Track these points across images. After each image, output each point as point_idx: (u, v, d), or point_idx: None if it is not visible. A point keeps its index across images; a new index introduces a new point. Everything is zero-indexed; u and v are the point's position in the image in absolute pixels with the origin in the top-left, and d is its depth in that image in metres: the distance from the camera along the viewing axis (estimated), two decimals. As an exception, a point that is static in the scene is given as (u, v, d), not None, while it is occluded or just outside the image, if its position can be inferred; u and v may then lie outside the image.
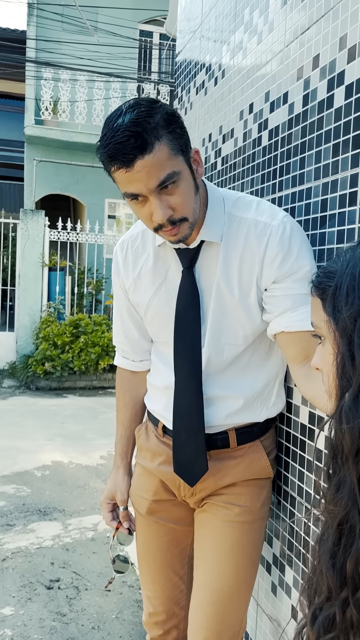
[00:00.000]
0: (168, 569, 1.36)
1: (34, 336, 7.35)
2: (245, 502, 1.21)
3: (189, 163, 1.05)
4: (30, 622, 2.24)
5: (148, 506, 1.32)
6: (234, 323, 1.15)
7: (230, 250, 1.12)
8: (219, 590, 1.20)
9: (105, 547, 2.88)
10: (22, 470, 3.97)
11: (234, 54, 1.70)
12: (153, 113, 0.97)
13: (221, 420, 1.20)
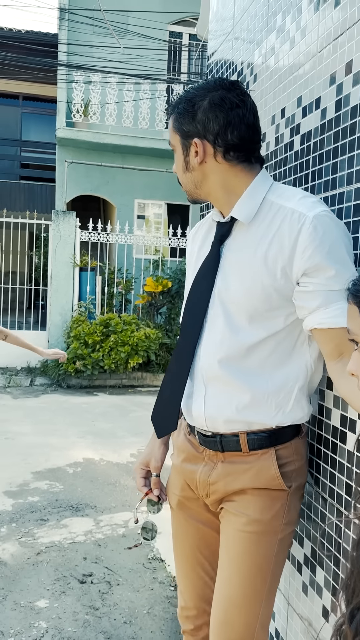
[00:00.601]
0: (198, 567, 1.39)
1: (65, 335, 7.47)
2: (254, 513, 1.20)
3: (185, 146, 1.22)
4: (65, 615, 2.30)
5: (177, 500, 1.37)
6: (256, 299, 1.16)
7: (261, 233, 1.16)
8: (227, 598, 1.22)
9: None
10: (55, 466, 4.06)
11: (266, 58, 1.72)
12: (187, 95, 1.21)
13: (231, 414, 1.20)
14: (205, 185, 1.24)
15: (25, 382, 7.08)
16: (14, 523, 3.12)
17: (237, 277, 1.18)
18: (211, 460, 1.26)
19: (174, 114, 1.23)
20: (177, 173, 1.29)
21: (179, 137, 1.23)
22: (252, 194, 1.19)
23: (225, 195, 1.22)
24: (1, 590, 2.45)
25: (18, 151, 13.06)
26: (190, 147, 1.21)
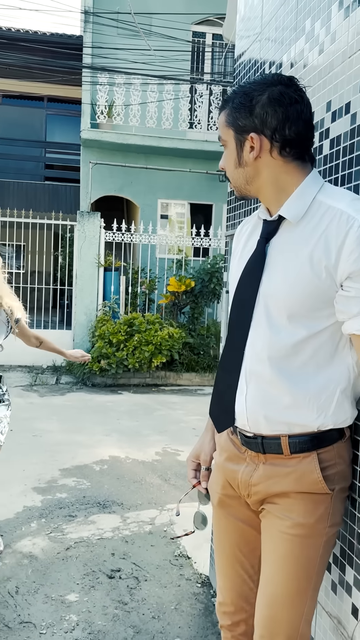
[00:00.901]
0: (237, 564, 1.41)
1: (90, 334, 7.57)
2: (298, 517, 1.21)
3: (239, 141, 1.22)
4: (94, 609, 2.36)
5: (219, 498, 1.39)
6: (299, 299, 1.16)
7: (308, 233, 1.16)
8: (271, 595, 1.24)
9: (162, 541, 2.98)
10: (82, 464, 4.13)
11: (295, 62, 1.73)
12: (243, 90, 1.21)
13: (272, 415, 1.21)
14: (256, 181, 1.23)
15: (51, 380, 7.19)
16: (43, 519, 3.20)
17: (280, 276, 1.19)
18: (253, 461, 1.28)
19: (227, 109, 1.23)
20: (227, 169, 1.28)
21: (232, 132, 1.22)
22: (303, 193, 1.19)
23: (276, 193, 1.22)
24: (32, 584, 2.52)
25: (43, 152, 13.23)
26: (245, 142, 1.20)
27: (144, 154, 9.59)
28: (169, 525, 3.18)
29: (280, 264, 1.20)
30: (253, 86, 1.20)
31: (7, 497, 3.45)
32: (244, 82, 1.25)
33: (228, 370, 1.30)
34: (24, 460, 4.12)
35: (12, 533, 3.00)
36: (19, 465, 4.00)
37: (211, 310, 8.42)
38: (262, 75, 1.26)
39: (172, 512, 3.34)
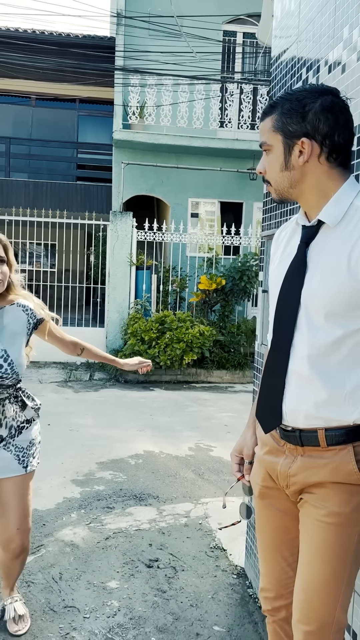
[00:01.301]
0: (277, 553, 1.48)
1: (122, 332, 7.71)
2: (333, 506, 1.27)
3: (287, 145, 1.27)
4: (135, 596, 2.45)
5: (259, 490, 1.46)
6: (336, 300, 1.22)
7: (346, 236, 1.23)
8: (308, 581, 1.31)
9: (198, 534, 3.06)
10: (118, 458, 4.25)
11: (333, 68, 1.78)
12: (287, 99, 1.27)
13: (310, 410, 1.27)
14: (301, 185, 1.29)
15: (84, 376, 7.36)
16: (82, 509, 3.31)
17: (319, 278, 1.25)
18: (291, 453, 1.34)
19: (275, 114, 1.28)
20: (270, 172, 1.32)
21: (280, 137, 1.27)
22: (341, 198, 1.25)
23: (317, 197, 1.28)
24: (75, 571, 2.64)
25: (75, 153, 13.43)
26: (294, 147, 1.26)
27: (175, 153, 9.67)
28: (204, 518, 3.26)
29: (320, 267, 1.26)
30: (304, 94, 1.26)
31: (47, 488, 3.59)
32: (290, 89, 1.30)
33: (273, 372, 1.36)
34: (61, 453, 4.26)
35: (53, 522, 3.13)
36: (58, 458, 4.14)
37: (242, 308, 8.46)
38: (309, 85, 1.32)
39: (207, 506, 3.42)
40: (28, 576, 2.57)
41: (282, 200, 1.37)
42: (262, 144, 1.33)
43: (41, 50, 10.02)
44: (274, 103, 1.30)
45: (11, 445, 1.96)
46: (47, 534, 2.98)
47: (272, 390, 1.36)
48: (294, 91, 1.29)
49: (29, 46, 9.95)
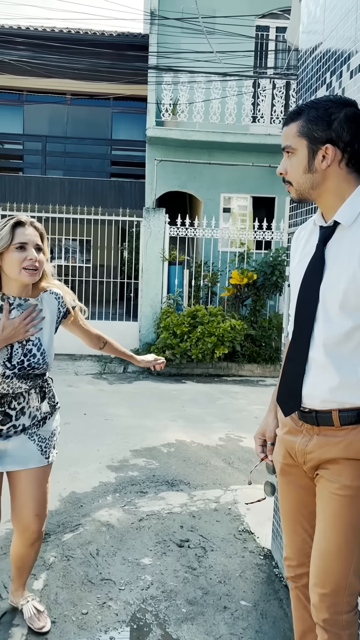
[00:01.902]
0: (297, 525, 1.62)
1: (155, 326, 7.88)
2: (346, 480, 1.40)
3: (312, 150, 1.38)
4: (166, 572, 2.62)
5: (281, 467, 1.60)
6: (350, 293, 1.34)
7: (358, 236, 1.35)
8: (324, 548, 1.44)
9: (227, 518, 3.20)
10: (150, 446, 4.42)
11: (354, 74, 1.88)
12: (313, 107, 1.39)
13: (325, 394, 1.40)
14: (321, 187, 1.42)
15: (118, 369, 7.57)
16: (117, 493, 3.50)
17: (335, 274, 1.38)
18: (308, 432, 1.48)
19: (300, 121, 1.39)
20: (293, 174, 1.43)
21: (306, 142, 1.39)
22: (355, 200, 1.38)
23: (334, 199, 1.41)
24: (111, 548, 2.82)
25: (109, 150, 13.67)
26: (318, 152, 1.38)
27: (207, 149, 9.77)
28: (233, 503, 3.40)
29: (336, 265, 1.39)
30: (330, 104, 1.38)
31: (84, 473, 3.79)
32: (315, 98, 1.41)
33: (294, 360, 1.49)
34: (97, 441, 4.46)
35: (90, 504, 3.32)
36: (94, 445, 4.34)
37: (273, 302, 8.52)
38: (334, 95, 1.44)
39: (236, 493, 3.55)
40: (67, 551, 2.76)
41: (302, 200, 1.48)
42: (286, 147, 1.44)
43: (76, 50, 10.25)
44: (299, 110, 1.41)
45: (35, 436, 1.97)
46: (85, 515, 3.18)
47: (293, 377, 1.49)
48: (320, 100, 1.40)
49: (64, 46, 10.20)
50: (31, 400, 1.96)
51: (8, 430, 1.92)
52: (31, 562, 2.17)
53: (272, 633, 2.21)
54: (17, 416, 1.93)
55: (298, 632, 1.71)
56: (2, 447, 1.92)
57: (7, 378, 1.86)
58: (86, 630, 2.19)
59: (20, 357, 1.87)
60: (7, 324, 1.81)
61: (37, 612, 2.19)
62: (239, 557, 2.78)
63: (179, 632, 2.20)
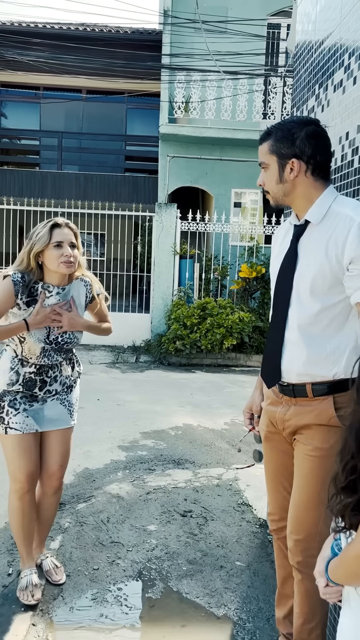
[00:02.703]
0: (279, 484, 1.88)
1: (166, 317, 8.15)
2: (317, 443, 1.65)
3: (281, 164, 1.63)
4: (170, 537, 2.89)
5: (265, 435, 1.86)
6: (318, 280, 1.59)
7: (325, 231, 1.61)
8: (298, 501, 1.70)
9: (228, 493, 3.46)
10: (159, 429, 4.69)
11: (335, 90, 2.10)
12: (278, 128, 1.64)
13: (299, 369, 1.64)
14: (292, 194, 1.67)
15: (131, 359, 7.86)
16: (127, 470, 3.78)
17: (306, 264, 1.63)
18: (287, 403, 1.73)
19: (270, 140, 1.65)
20: (268, 185, 1.69)
21: (275, 158, 1.64)
22: (322, 202, 1.63)
23: (304, 203, 1.66)
24: (120, 516, 3.10)
25: (123, 145, 13.92)
26: (286, 165, 1.64)
27: (219, 145, 9.97)
28: (234, 480, 3.66)
29: (307, 256, 1.64)
30: (292, 124, 1.64)
31: (97, 452, 4.07)
32: (282, 120, 1.66)
33: (273, 340, 1.75)
34: (109, 424, 4.74)
35: (102, 479, 3.61)
36: (106, 428, 4.63)
37: (282, 295, 8.70)
38: (296, 117, 1.69)
39: (238, 471, 3.81)
40: (81, 518, 3.05)
41: (278, 206, 1.74)
42: (262, 163, 1.70)
43: (92, 47, 10.49)
44: (269, 131, 1.67)
45: (65, 401, 2.34)
46: (97, 488, 3.46)
47: (272, 355, 1.74)
48: (285, 121, 1.67)
49: (80, 44, 10.45)
50: (63, 370, 2.34)
51: (44, 394, 2.29)
52: (52, 514, 2.49)
53: (262, 588, 2.47)
54: (50, 383, 2.31)
55: (280, 577, 1.97)
56: (40, 411, 2.29)
57: (46, 352, 2.23)
58: (97, 582, 2.47)
59: (56, 334, 2.24)
60: (40, 311, 2.17)
61: (55, 566, 2.49)
62: (236, 526, 3.04)
63: (179, 585, 2.47)
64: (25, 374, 2.24)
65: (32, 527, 2.37)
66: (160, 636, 2.16)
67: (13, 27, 11.31)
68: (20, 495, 2.28)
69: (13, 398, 2.24)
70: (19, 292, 2.15)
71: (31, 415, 2.27)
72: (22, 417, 2.24)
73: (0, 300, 2.13)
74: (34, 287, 2.20)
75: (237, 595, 2.41)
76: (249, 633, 2.19)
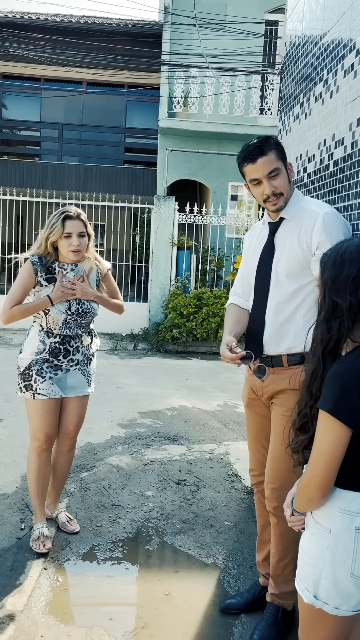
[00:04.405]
0: (259, 444, 2.18)
1: (163, 307, 8.43)
2: (290, 404, 1.89)
3: (285, 168, 1.93)
4: (165, 501, 3.19)
5: (247, 401, 2.15)
6: (292, 264, 1.90)
7: (296, 225, 1.92)
8: (273, 455, 2.01)
9: (219, 465, 3.77)
10: (156, 409, 5.00)
11: (315, 101, 2.38)
12: (268, 141, 1.91)
13: (277, 342, 1.95)
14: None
15: (129, 346, 8.15)
16: (126, 445, 4.08)
17: (281, 252, 1.94)
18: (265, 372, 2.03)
19: (273, 150, 1.90)
20: (282, 186, 1.91)
21: (282, 163, 1.93)
22: (294, 202, 1.95)
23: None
24: (120, 483, 3.40)
25: (123, 137, 14.12)
26: (288, 167, 1.95)
27: (217, 140, 10.21)
28: (225, 455, 3.96)
29: (282, 246, 1.94)
30: (269, 138, 1.94)
31: (98, 429, 4.37)
32: (256, 139, 1.94)
33: (256, 319, 2.04)
34: (109, 404, 5.04)
35: (103, 452, 3.91)
36: (106, 407, 4.93)
37: (275, 287, 8.99)
38: (261, 136, 1.96)
39: (229, 447, 4.11)
40: (85, 485, 3.35)
41: (279, 209, 1.96)
42: (274, 170, 1.90)
43: (92, 39, 10.67)
44: (263, 146, 1.91)
45: (85, 371, 2.67)
46: (98, 459, 3.76)
47: (255, 332, 2.04)
48: (262, 138, 1.95)
49: (80, 35, 10.63)
50: (84, 341, 2.66)
51: (68, 362, 2.60)
52: (66, 470, 2.82)
53: (247, 543, 2.78)
54: (74, 352, 2.63)
55: (259, 525, 2.27)
56: (63, 379, 2.61)
57: (67, 323, 2.55)
58: (100, 537, 2.78)
59: (76, 306, 2.56)
60: (59, 287, 2.51)
61: (69, 519, 2.85)
62: (226, 492, 3.35)
63: (174, 540, 2.78)
64: (50, 344, 2.57)
65: (45, 483, 2.68)
66: (156, 579, 2.46)
67: (15, 20, 11.48)
68: (38, 453, 2.60)
69: (40, 367, 2.55)
70: (37, 270, 2.51)
71: (56, 382, 2.58)
72: (48, 384, 2.56)
73: (24, 279, 2.50)
74: (52, 267, 2.55)
75: (224, 549, 2.72)
76: (234, 577, 2.50)
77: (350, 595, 1.28)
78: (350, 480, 1.28)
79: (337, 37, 2.14)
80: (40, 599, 2.26)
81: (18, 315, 2.51)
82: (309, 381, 1.34)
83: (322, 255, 1.38)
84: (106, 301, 2.73)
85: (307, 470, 1.33)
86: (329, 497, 1.29)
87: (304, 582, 1.35)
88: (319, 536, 1.31)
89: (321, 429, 1.26)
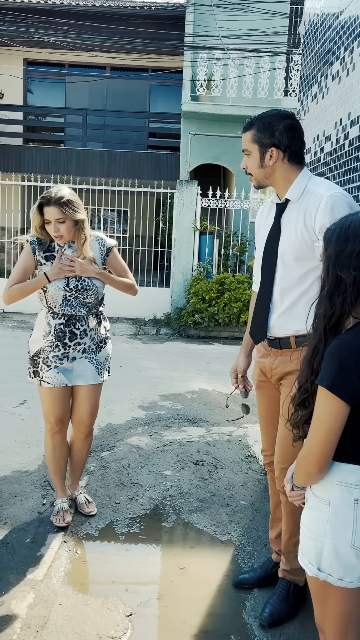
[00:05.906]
0: (270, 425, 2.20)
1: (185, 292, 8.46)
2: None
3: (262, 152, 1.90)
4: (183, 481, 3.25)
5: (257, 383, 2.18)
6: (299, 247, 1.89)
7: (302, 207, 1.90)
8: (282, 436, 2.02)
9: (237, 447, 3.81)
10: (177, 392, 5.05)
11: (332, 79, 2.35)
12: (255, 121, 1.89)
13: (284, 324, 1.95)
14: (272, 177, 1.96)
15: (152, 331, 8.22)
16: (146, 426, 4.15)
17: (288, 235, 1.93)
18: (274, 355, 2.05)
19: (253, 130, 1.92)
20: (251, 168, 1.98)
21: (257, 146, 1.93)
22: (299, 183, 1.93)
23: (284, 183, 1.95)
24: (139, 463, 3.47)
25: (146, 122, 14.06)
26: (266, 153, 1.92)
27: (240, 123, 10.05)
28: (244, 437, 4.00)
29: (288, 229, 1.94)
30: (272, 117, 1.91)
31: (119, 410, 4.45)
32: (263, 112, 1.93)
33: (262, 302, 2.05)
34: (131, 387, 5.12)
35: (123, 432, 3.99)
36: (127, 390, 5.01)
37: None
38: (275, 110, 1.93)
39: (247, 430, 4.15)
40: (104, 464, 3.43)
41: (260, 187, 2.02)
42: (245, 150, 1.97)
43: (115, 23, 10.63)
44: (252, 122, 1.94)
45: (93, 360, 2.64)
46: (119, 440, 3.84)
47: (261, 315, 2.05)
48: (266, 114, 1.93)
49: (104, 20, 10.59)
50: (90, 322, 2.62)
51: (75, 347, 2.59)
52: (83, 456, 2.86)
53: (262, 522, 2.82)
54: (81, 336, 2.60)
55: (272, 503, 2.31)
56: (69, 367, 2.62)
57: (68, 301, 2.53)
58: (119, 513, 2.85)
59: (74, 282, 2.53)
60: (56, 263, 2.51)
61: (87, 501, 2.89)
62: (243, 473, 3.39)
63: (190, 518, 2.84)
64: (55, 326, 2.57)
65: (62, 463, 2.75)
66: (172, 554, 2.53)
67: (38, 5, 11.50)
68: (51, 435, 2.67)
69: (46, 357, 2.59)
70: (35, 249, 2.53)
71: (61, 372, 2.60)
72: (53, 373, 2.59)
73: (23, 259, 2.54)
74: (51, 245, 2.56)
75: (240, 527, 2.77)
76: (248, 554, 2.54)
77: (352, 567, 1.31)
78: (348, 453, 1.30)
79: (353, 14, 2.11)
80: (60, 570, 2.35)
81: (17, 295, 2.51)
82: (310, 357, 1.36)
83: (325, 230, 1.39)
84: (111, 279, 2.63)
85: (305, 445, 1.35)
86: (327, 471, 1.31)
87: (307, 555, 1.38)
88: (318, 509, 1.34)
89: (319, 404, 1.28)
